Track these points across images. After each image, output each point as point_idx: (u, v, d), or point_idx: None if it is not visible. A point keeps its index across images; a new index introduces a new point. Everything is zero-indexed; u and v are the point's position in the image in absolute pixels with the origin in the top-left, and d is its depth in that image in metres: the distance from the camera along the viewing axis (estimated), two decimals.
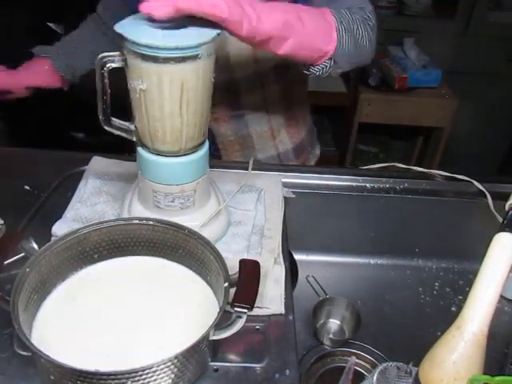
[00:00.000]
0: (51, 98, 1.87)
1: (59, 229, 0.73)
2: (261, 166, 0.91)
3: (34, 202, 0.80)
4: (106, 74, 0.59)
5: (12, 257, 0.59)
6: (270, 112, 0.99)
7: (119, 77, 0.62)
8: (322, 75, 0.76)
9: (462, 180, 0.95)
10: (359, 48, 0.76)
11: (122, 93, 0.64)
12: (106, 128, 0.65)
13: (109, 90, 0.61)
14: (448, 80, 2.15)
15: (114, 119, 0.65)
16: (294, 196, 0.88)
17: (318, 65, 0.74)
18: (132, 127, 0.66)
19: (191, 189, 0.69)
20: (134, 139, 0.66)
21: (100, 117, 0.64)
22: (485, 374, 0.48)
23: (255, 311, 0.59)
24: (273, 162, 1.03)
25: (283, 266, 0.72)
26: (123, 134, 0.66)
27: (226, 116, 0.97)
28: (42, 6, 1.65)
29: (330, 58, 0.73)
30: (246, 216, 0.79)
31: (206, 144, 0.69)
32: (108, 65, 0.58)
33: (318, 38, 0.70)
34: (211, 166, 0.72)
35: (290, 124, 1.03)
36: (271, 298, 0.66)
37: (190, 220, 0.69)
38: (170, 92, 0.58)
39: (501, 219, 0.55)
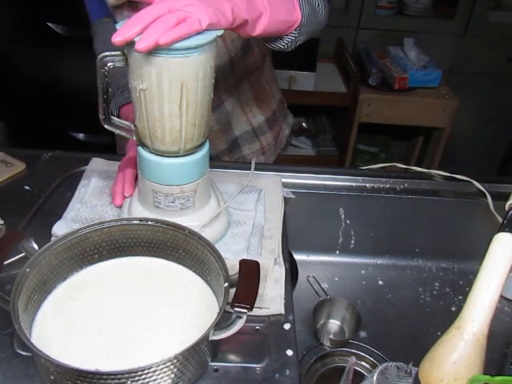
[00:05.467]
0: (51, 98, 1.88)
1: (59, 229, 0.73)
2: (260, 166, 0.91)
3: (33, 202, 0.80)
4: (106, 74, 0.59)
5: (12, 257, 0.59)
6: (239, 89, 1.00)
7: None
8: (291, 47, 0.75)
9: (462, 180, 0.95)
10: (316, 16, 0.76)
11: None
12: (107, 127, 0.65)
13: (109, 89, 0.61)
14: (448, 80, 2.15)
15: (114, 118, 0.65)
16: (293, 196, 0.88)
17: (286, 37, 0.73)
18: (132, 126, 0.66)
19: (191, 189, 0.69)
20: (135, 138, 0.66)
21: (100, 115, 0.64)
22: (485, 374, 0.48)
23: (255, 311, 0.59)
24: (248, 138, 1.06)
25: (283, 267, 0.72)
26: (123, 133, 0.66)
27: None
28: (42, 6, 1.66)
29: (297, 28, 0.72)
30: (245, 216, 0.79)
31: (207, 145, 0.69)
32: (109, 64, 0.58)
33: (283, 10, 0.69)
34: (211, 167, 0.72)
35: (259, 97, 1.04)
36: (271, 298, 0.66)
37: (190, 220, 0.69)
38: (169, 92, 0.58)
39: (501, 219, 0.55)
